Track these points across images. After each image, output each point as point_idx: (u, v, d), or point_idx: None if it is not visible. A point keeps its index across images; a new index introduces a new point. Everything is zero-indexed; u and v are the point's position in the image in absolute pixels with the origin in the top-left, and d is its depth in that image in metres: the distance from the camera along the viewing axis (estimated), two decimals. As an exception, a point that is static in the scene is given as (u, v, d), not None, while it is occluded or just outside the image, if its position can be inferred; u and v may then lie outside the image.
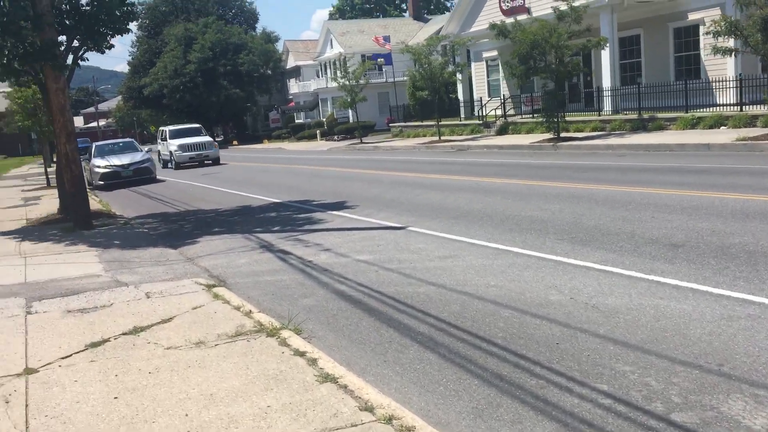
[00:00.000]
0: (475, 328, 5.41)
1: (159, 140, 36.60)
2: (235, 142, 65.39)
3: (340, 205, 13.67)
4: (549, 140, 25.19)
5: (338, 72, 40.11)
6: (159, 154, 35.63)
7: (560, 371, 4.38)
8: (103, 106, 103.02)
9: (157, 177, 26.04)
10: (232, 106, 66.11)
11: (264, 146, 55.81)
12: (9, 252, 11.24)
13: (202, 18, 67.80)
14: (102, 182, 24.36)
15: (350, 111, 54.09)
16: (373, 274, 7.64)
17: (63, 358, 5.41)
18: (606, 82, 29.09)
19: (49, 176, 27.45)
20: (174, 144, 32.54)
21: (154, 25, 71.48)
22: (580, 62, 24.87)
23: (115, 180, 24.48)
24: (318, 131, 54.54)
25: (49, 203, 19.06)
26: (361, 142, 40.50)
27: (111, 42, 13.97)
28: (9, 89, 25.69)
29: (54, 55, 11.87)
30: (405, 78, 57.47)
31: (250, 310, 6.36)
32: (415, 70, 33.81)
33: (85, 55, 13.87)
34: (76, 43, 13.49)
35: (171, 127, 35.52)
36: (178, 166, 31.83)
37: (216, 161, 32.84)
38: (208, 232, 12.21)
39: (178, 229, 13.15)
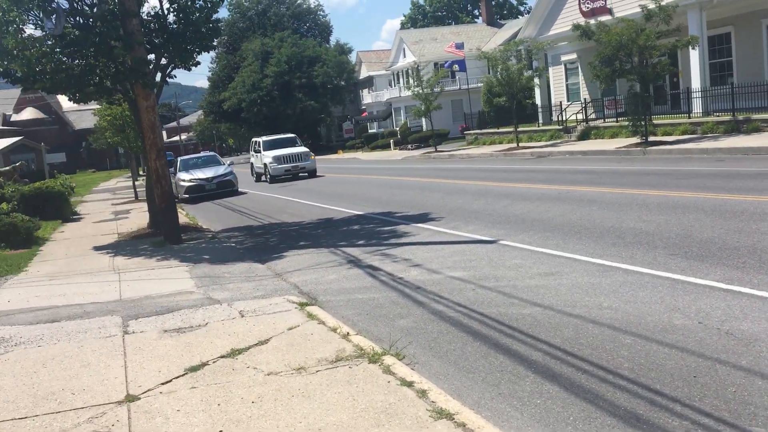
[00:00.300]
0: (594, 356, 4.96)
1: (252, 152, 33.46)
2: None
3: (423, 217, 13.36)
4: (636, 145, 24.15)
5: (412, 81, 39.89)
6: (252, 167, 33.23)
7: (705, 411, 3.91)
8: (185, 121, 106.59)
9: (239, 189, 26.43)
10: (308, 117, 67.07)
11: (338, 156, 56.18)
12: (103, 267, 11.45)
13: (278, 32, 69.22)
14: (187, 195, 24.93)
15: (424, 119, 53.98)
16: (470, 293, 7.27)
17: (163, 383, 5.29)
18: (695, 82, 27.75)
19: (137, 190, 28.39)
20: (269, 156, 29.91)
21: (232, 41, 73.55)
22: (668, 63, 23.73)
23: (199, 193, 25.01)
24: (391, 140, 54.50)
25: (139, 217, 19.58)
26: (436, 151, 40.12)
27: (197, 59, 14.20)
28: (98, 106, 26.66)
29: (144, 73, 12.09)
30: (479, 85, 56.95)
31: (348, 333, 6.11)
32: (492, 75, 33.21)
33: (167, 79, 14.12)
34: (164, 61, 13.76)
35: (265, 138, 32.76)
36: (274, 179, 29.36)
37: (312, 173, 30.49)
38: (293, 245, 12.13)
39: (264, 242, 13.14)
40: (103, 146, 38.13)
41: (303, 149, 31.35)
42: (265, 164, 30.14)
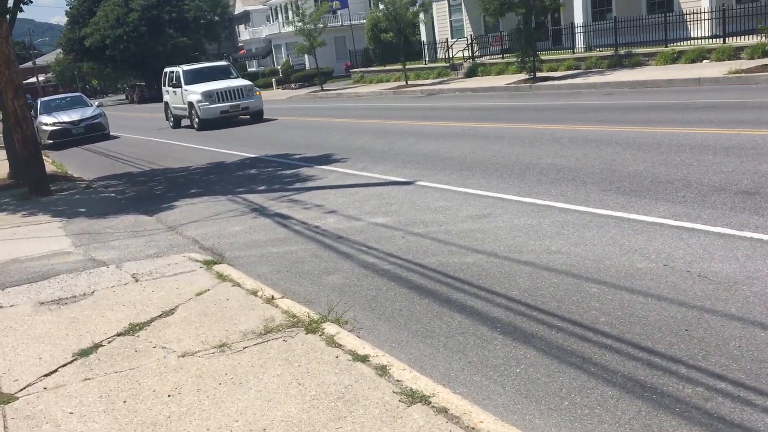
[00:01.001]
0: (564, 310, 4.39)
1: (167, 87, 24.84)
2: (185, 94, 62.50)
3: (327, 159, 12.44)
4: (524, 81, 24.14)
5: (292, 16, 37.98)
6: (167, 108, 25.30)
7: (716, 372, 3.41)
8: (41, 61, 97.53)
9: (111, 134, 24.14)
10: (180, 54, 62.80)
11: (218, 97, 53.34)
12: (-44, 228, 9.76)
13: (142, -39, 63.73)
14: (51, 141, 22.42)
15: (307, 57, 52.06)
16: (400, 241, 6.55)
17: (47, 375, 4.21)
18: (578, 18, 28.05)
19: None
20: (195, 91, 22.18)
21: (90, -29, 66.98)
22: (557, -5, 23.61)
23: (65, 138, 22.56)
24: (273, 80, 52.34)
25: (-5, 167, 17.29)
26: (322, 90, 38.80)
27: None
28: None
29: (-9, -5, 10.15)
30: (362, 21, 55.52)
31: (272, 296, 5.22)
32: (377, 10, 32.08)
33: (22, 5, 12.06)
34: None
35: (186, 67, 24.16)
36: (205, 124, 21.96)
37: (258, 116, 23.10)
38: (183, 194, 10.88)
39: (148, 191, 11.76)
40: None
41: (244, 82, 23.25)
42: (190, 103, 22.47)
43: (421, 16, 31.48)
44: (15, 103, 11.28)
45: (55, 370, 4.28)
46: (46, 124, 22.75)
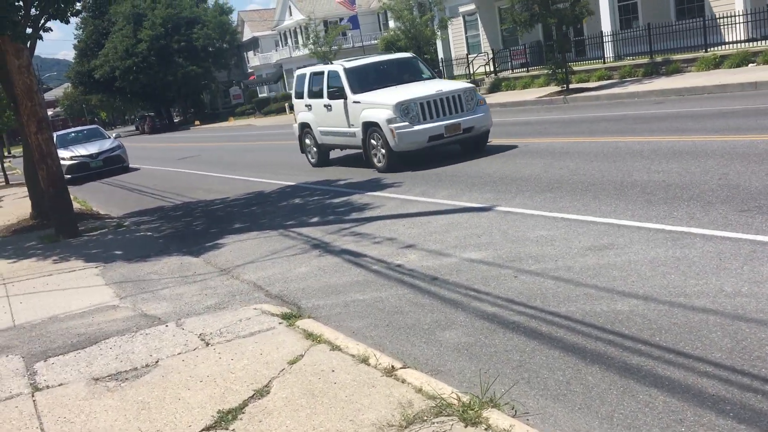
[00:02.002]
0: (808, 381, 3.29)
1: (305, 100, 14.97)
2: (197, 123, 62.02)
3: (376, 184, 11.39)
4: (557, 93, 23.15)
5: (302, 39, 37.33)
6: (309, 134, 15.14)
7: None
8: (49, 96, 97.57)
9: (130, 166, 23.24)
10: (191, 83, 62.48)
11: (230, 124, 52.73)
12: (-20, 278, 8.76)
13: (148, -8, 63.58)
14: (69, 176, 21.38)
15: (319, 80, 51.41)
16: (514, 282, 5.47)
17: (127, 497, 3.14)
18: (605, 26, 27.12)
19: (7, 173, 24.48)
20: (379, 103, 12.39)
21: (98, 5, 66.75)
22: (587, 3, 22.64)
23: (83, 172, 21.66)
24: (286, 104, 51.55)
25: (16, 205, 16.37)
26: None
27: (77, 6, 11.36)
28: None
29: (14, 22, 9.21)
30: (374, 42, 54.90)
31: (392, 366, 4.13)
32: (395, 28, 31.28)
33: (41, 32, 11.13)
34: (34, 12, 10.84)
35: (351, 64, 13.84)
36: (400, 159, 12.22)
37: (484, 142, 13.00)
38: (228, 230, 9.86)
39: (187, 227, 10.74)
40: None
41: (456, 84, 13.51)
42: (369, 124, 12.59)
43: (439, 32, 30.62)
44: (39, 137, 10.33)
45: (137, 489, 3.21)
46: (63, 158, 21.77)
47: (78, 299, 7.07)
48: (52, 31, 11.76)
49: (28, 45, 10.17)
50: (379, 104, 12.33)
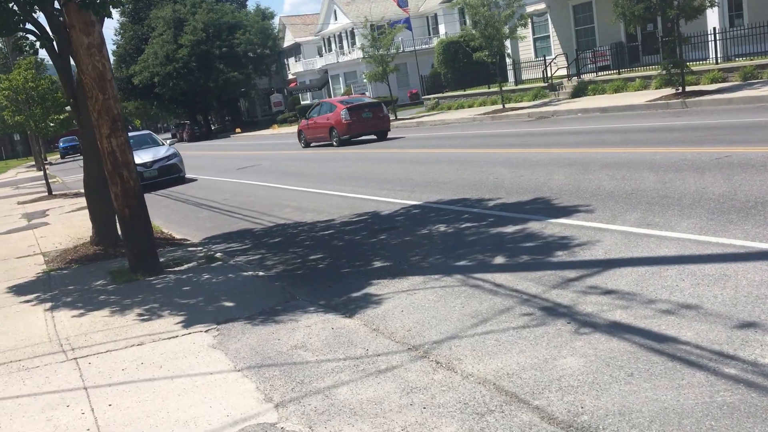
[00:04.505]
0: None
1: None
2: (238, 130, 59.80)
3: (552, 207, 8.60)
4: (672, 96, 20.27)
5: (367, 40, 34.74)
6: None
7: None
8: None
9: (187, 176, 20.78)
10: (231, 90, 60.43)
11: (274, 132, 50.37)
12: (36, 341, 6.09)
13: (189, -3, 61.79)
14: (120, 188, 19.06)
15: (369, 86, 48.83)
16: None
17: None
18: (712, 24, 24.14)
19: (49, 181, 22.13)
20: None
21: (138, 10, 65.18)
22: (709, -6, 19.69)
23: (136, 184, 19.17)
24: (334, 111, 49.10)
25: (63, 221, 13.91)
26: (396, 119, 35.27)
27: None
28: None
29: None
30: (424, 47, 52.29)
31: None
32: (470, 27, 28.49)
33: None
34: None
35: None
36: None
37: None
38: (367, 270, 7.15)
39: (303, 263, 8.03)
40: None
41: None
42: None
43: (519, 31, 27.81)
44: (112, 141, 7.75)
45: None
46: (115, 168, 19.43)
47: (201, 402, 4.39)
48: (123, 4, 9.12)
49: (101, 17, 7.59)
50: None
